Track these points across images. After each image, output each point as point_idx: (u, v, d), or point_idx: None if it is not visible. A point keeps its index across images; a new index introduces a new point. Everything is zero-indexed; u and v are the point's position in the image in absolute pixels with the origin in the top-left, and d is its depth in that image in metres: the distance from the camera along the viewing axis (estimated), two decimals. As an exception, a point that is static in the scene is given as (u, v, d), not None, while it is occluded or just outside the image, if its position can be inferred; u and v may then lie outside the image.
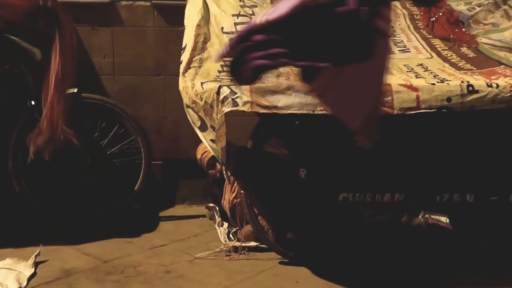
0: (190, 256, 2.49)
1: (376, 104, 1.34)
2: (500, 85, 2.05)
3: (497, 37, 2.78)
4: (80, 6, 3.24)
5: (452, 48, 2.74)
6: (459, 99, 2.03)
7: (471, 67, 2.49)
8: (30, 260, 2.36)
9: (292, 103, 2.06)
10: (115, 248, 2.61)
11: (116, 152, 3.09)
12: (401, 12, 3.10)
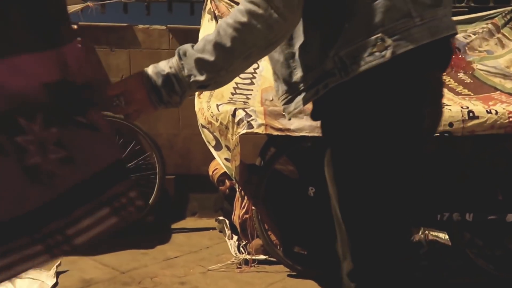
0: (203, 268, 2.49)
1: None
2: (499, 112, 2.07)
3: (492, 64, 2.82)
4: (100, 29, 3.29)
5: (449, 74, 2.77)
6: (460, 124, 2.06)
7: (469, 92, 2.52)
8: (51, 270, 2.36)
9: (304, 126, 2.09)
10: (131, 259, 2.61)
11: (132, 167, 3.11)
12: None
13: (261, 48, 1.00)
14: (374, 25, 0.96)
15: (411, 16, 0.96)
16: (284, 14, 0.95)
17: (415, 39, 0.95)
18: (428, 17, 0.97)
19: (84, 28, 3.27)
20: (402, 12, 0.96)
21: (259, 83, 2.49)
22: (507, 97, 2.33)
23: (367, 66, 0.96)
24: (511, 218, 2.19)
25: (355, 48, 0.97)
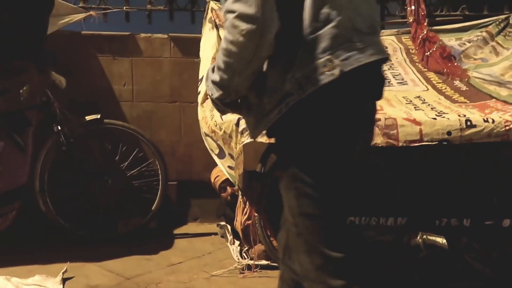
0: (206, 274, 2.50)
1: None
2: (496, 121, 2.10)
3: (486, 72, 2.85)
4: (102, 37, 3.30)
5: (446, 81, 2.81)
6: (458, 132, 2.08)
7: (465, 100, 2.55)
8: (58, 277, 2.36)
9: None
10: (135, 265, 2.62)
11: (135, 174, 3.12)
12: (397, 47, 3.18)
13: (245, 64, 1.15)
14: (323, 50, 1.14)
15: (353, 41, 1.15)
16: (243, 35, 1.10)
17: (358, 60, 1.15)
18: (367, 42, 1.18)
19: (87, 37, 3.28)
20: (345, 38, 1.15)
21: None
22: (503, 105, 2.36)
23: (320, 84, 1.13)
24: (507, 223, 2.21)
25: (308, 70, 1.14)
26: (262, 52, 1.14)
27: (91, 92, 3.24)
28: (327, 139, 1.19)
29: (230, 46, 1.14)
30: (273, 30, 1.12)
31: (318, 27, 1.14)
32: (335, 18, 1.14)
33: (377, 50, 1.20)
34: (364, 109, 1.26)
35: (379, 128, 2.09)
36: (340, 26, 1.15)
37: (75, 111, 2.96)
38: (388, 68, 2.92)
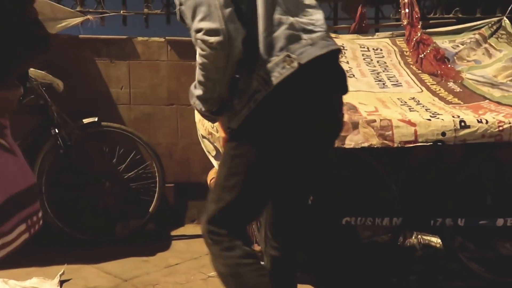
0: (204, 275, 2.49)
1: None
2: (489, 121, 2.10)
3: (480, 73, 2.85)
4: (100, 41, 3.29)
5: (440, 83, 2.80)
6: (453, 133, 2.08)
7: (459, 101, 2.55)
8: (55, 279, 2.35)
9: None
10: (133, 267, 2.61)
11: (132, 176, 3.11)
12: (392, 49, 3.18)
13: (221, 72, 1.30)
14: (280, 48, 1.32)
15: (303, 39, 1.34)
16: (213, 47, 1.24)
17: (311, 53, 1.32)
18: (315, 39, 1.36)
19: (84, 41, 3.27)
20: (297, 37, 1.34)
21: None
22: (496, 106, 2.36)
23: (282, 77, 1.29)
24: (501, 223, 2.22)
25: (270, 66, 1.30)
26: (233, 59, 1.28)
27: (89, 95, 3.23)
28: (291, 131, 1.35)
29: (205, 60, 1.28)
30: (239, 37, 1.27)
31: (273, 30, 1.32)
32: (286, 21, 1.34)
33: (327, 44, 1.37)
34: (327, 101, 1.42)
35: (374, 129, 2.09)
36: (291, 27, 1.34)
37: (73, 114, 2.95)
38: (382, 70, 2.93)
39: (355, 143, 2.08)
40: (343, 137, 2.08)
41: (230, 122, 1.37)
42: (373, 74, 2.87)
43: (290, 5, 1.37)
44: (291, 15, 1.36)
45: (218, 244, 1.43)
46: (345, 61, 2.95)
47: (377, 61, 3.03)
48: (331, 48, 1.38)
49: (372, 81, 2.78)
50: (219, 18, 1.24)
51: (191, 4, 1.28)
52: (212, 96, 1.35)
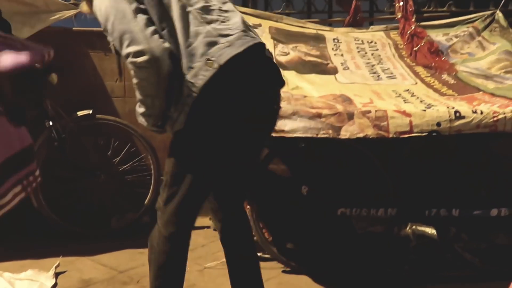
0: (200, 266, 2.47)
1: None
2: (484, 112, 2.09)
3: (473, 66, 2.84)
4: (94, 34, 3.23)
5: (434, 75, 2.79)
6: (448, 124, 2.07)
7: (453, 93, 2.54)
8: (50, 271, 2.32)
9: (297, 127, 2.08)
10: (128, 258, 2.58)
11: (127, 169, 3.07)
12: (386, 42, 3.16)
13: (156, 86, 1.44)
14: (201, 54, 1.44)
15: (220, 43, 1.46)
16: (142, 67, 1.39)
17: (229, 53, 1.44)
18: (232, 40, 1.47)
19: (78, 33, 3.22)
20: (215, 42, 1.46)
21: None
22: (490, 97, 2.35)
23: (206, 78, 1.42)
24: (495, 213, 2.21)
25: (194, 72, 1.43)
26: (163, 72, 1.42)
27: (83, 88, 3.18)
28: (224, 127, 1.48)
29: (139, 79, 1.44)
30: (164, 53, 1.40)
31: (192, 42, 1.45)
32: (203, 31, 1.46)
33: (244, 42, 1.48)
34: (259, 94, 1.53)
35: (369, 120, 2.07)
36: (208, 35, 1.46)
37: (67, 107, 2.90)
38: (377, 63, 2.91)
39: (351, 134, 2.06)
40: (339, 128, 2.07)
41: (171, 129, 1.51)
42: (368, 66, 2.86)
43: (206, 15, 1.50)
44: (207, 23, 1.49)
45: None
46: (339, 54, 2.93)
47: (371, 54, 3.01)
48: (249, 44, 1.49)
49: (366, 74, 2.76)
50: (142, 40, 1.39)
51: (117, 35, 1.43)
52: (153, 111, 1.50)
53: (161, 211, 1.62)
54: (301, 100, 2.30)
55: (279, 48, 2.82)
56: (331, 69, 2.75)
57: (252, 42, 1.50)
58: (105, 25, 1.48)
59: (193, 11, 1.48)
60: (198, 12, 1.49)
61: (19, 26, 2.70)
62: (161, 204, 1.61)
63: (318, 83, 2.56)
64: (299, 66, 2.70)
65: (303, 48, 2.89)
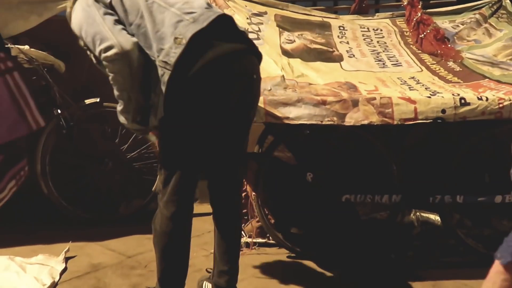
0: (206, 251, 2.49)
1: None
2: (489, 99, 2.07)
3: (480, 53, 2.81)
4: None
5: (439, 63, 2.77)
6: (453, 110, 2.05)
7: (458, 80, 2.52)
8: (60, 256, 2.35)
9: (302, 114, 2.08)
10: (136, 244, 2.60)
11: (135, 156, 3.09)
12: (392, 29, 3.13)
13: (129, 79, 1.55)
14: (170, 35, 1.53)
15: (185, 20, 1.55)
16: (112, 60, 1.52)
17: (194, 28, 1.52)
18: (196, 17, 1.56)
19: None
20: (180, 20, 1.55)
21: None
22: (496, 84, 2.33)
23: (177, 54, 1.50)
24: (499, 200, 2.20)
25: (166, 50, 1.52)
26: (134, 64, 1.53)
27: (91, 76, 3.16)
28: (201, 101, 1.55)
29: (113, 73, 1.56)
30: (133, 46, 1.52)
31: (159, 27, 1.55)
32: (168, 15, 1.55)
33: (207, 17, 1.56)
34: (234, 64, 1.59)
35: (374, 107, 2.06)
36: (173, 16, 1.55)
37: (75, 95, 2.91)
38: (382, 50, 2.89)
39: (355, 121, 2.06)
40: (343, 115, 2.06)
41: (155, 118, 1.58)
42: (373, 54, 2.83)
43: (170, 1, 1.60)
44: (171, 6, 1.58)
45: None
46: (345, 42, 2.91)
47: (377, 41, 2.98)
48: (212, 18, 1.56)
49: (372, 61, 2.74)
50: (111, 36, 1.52)
51: (90, 39, 1.56)
52: (130, 106, 1.62)
53: (161, 193, 1.68)
54: (306, 88, 2.30)
55: (284, 36, 2.79)
56: (336, 57, 2.73)
57: (214, 15, 1.58)
58: (80, 35, 1.61)
59: (156, 0, 1.59)
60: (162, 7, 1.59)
61: (26, 15, 2.70)
62: (160, 186, 1.68)
63: (324, 71, 2.54)
64: (304, 53, 2.69)
65: (309, 35, 2.87)
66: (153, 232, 1.74)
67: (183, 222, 1.72)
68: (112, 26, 1.54)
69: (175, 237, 1.71)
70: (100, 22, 1.55)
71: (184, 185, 1.66)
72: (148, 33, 1.56)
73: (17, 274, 2.18)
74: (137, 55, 1.52)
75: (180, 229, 1.72)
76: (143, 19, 1.57)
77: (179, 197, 1.66)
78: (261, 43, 2.61)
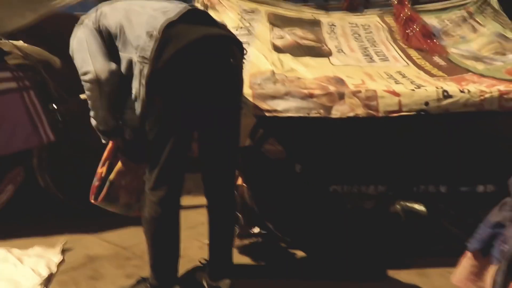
0: (200, 242, 2.52)
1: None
2: (471, 91, 2.10)
3: (464, 48, 2.85)
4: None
5: (425, 58, 2.80)
6: (436, 103, 2.08)
7: (443, 74, 2.55)
8: (57, 248, 2.38)
9: (290, 107, 2.10)
10: (132, 235, 2.62)
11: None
12: (381, 26, 3.16)
13: (100, 99, 1.73)
14: (146, 31, 1.62)
15: (157, 17, 1.64)
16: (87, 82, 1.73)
17: (166, 21, 1.60)
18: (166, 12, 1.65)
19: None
20: (155, 17, 1.64)
21: (248, 68, 2.46)
22: (479, 78, 2.36)
23: (151, 47, 1.57)
24: (481, 189, 2.24)
25: (142, 47, 1.61)
26: (104, 89, 1.69)
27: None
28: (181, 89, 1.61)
29: (86, 94, 1.76)
30: (107, 73, 1.67)
31: (136, 29, 1.65)
32: (144, 17, 1.66)
33: (179, 10, 1.65)
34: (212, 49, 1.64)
35: (360, 100, 2.09)
36: (149, 17, 1.65)
37: (70, 90, 2.92)
38: (370, 45, 2.91)
39: (341, 113, 2.08)
40: (330, 107, 2.09)
41: (137, 110, 1.67)
42: (362, 49, 2.86)
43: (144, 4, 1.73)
44: (143, 13, 1.69)
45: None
46: (334, 37, 2.94)
47: (365, 38, 3.01)
48: (183, 11, 1.64)
49: (360, 56, 2.77)
50: (90, 62, 1.68)
51: (78, 63, 1.73)
52: (97, 117, 1.81)
53: (147, 179, 1.73)
54: (295, 82, 2.32)
55: (275, 32, 2.82)
56: (325, 52, 2.76)
57: (186, 9, 1.66)
58: (73, 58, 1.78)
59: (134, 8, 1.72)
60: (138, 5, 1.72)
61: (21, 11, 2.71)
62: (147, 172, 1.73)
63: (313, 66, 2.57)
64: (294, 49, 2.71)
65: (299, 32, 2.89)
66: (142, 220, 1.77)
67: (171, 207, 1.75)
68: (94, 52, 1.70)
69: (164, 223, 1.74)
70: (85, 47, 1.71)
71: (170, 169, 1.69)
72: (128, 39, 1.67)
73: (15, 266, 2.20)
74: (111, 82, 1.68)
75: (169, 214, 1.75)
76: (123, 28, 1.69)
77: (166, 182, 1.70)
78: (252, 39, 2.64)
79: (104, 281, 2.15)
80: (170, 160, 1.69)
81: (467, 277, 1.35)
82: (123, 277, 2.18)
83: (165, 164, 1.68)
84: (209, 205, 1.96)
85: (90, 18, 1.79)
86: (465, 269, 1.34)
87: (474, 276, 1.35)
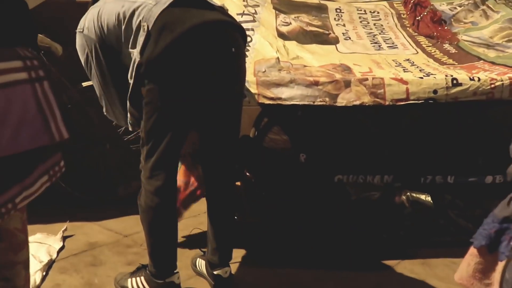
0: (201, 230, 2.52)
1: None
2: (481, 79, 2.06)
3: (476, 35, 2.78)
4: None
5: (435, 45, 2.74)
6: (444, 91, 2.04)
7: (453, 62, 2.50)
8: (58, 235, 2.38)
9: (295, 95, 2.07)
10: (133, 224, 2.62)
11: (132, 139, 3.09)
12: (389, 12, 3.10)
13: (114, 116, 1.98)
14: (135, 23, 1.59)
15: (149, 3, 1.58)
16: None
17: (156, 11, 1.54)
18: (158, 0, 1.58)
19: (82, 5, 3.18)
20: (144, 6, 1.59)
21: (252, 56, 2.44)
22: (490, 66, 2.31)
23: (143, 40, 1.54)
24: (490, 180, 2.20)
25: (133, 39, 1.58)
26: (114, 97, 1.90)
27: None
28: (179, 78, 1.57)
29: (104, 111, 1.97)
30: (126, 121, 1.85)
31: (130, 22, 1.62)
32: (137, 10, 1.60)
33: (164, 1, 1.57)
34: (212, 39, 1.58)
35: (366, 87, 2.06)
36: (141, 8, 1.58)
37: (72, 78, 2.91)
38: (379, 33, 2.86)
39: (347, 101, 2.05)
40: (335, 95, 2.05)
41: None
42: (369, 36, 2.81)
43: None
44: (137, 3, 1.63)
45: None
46: (341, 24, 2.88)
47: (373, 24, 2.95)
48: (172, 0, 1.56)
49: (368, 44, 2.72)
50: (110, 110, 1.95)
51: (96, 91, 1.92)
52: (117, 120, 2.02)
53: (143, 168, 1.73)
54: (301, 70, 2.29)
55: (280, 18, 2.77)
56: (332, 39, 2.71)
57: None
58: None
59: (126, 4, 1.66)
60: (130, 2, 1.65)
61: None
62: (143, 162, 1.74)
63: (319, 53, 2.53)
64: (300, 36, 2.67)
65: (305, 18, 2.84)
66: (139, 208, 1.79)
67: (167, 195, 1.74)
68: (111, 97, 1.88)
69: (160, 211, 1.73)
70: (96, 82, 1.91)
71: (166, 158, 1.68)
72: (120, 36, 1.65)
73: (16, 252, 2.21)
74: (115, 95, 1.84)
75: (165, 202, 1.73)
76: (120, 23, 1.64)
77: (162, 171, 1.69)
78: (257, 25, 2.60)
79: (104, 268, 2.15)
80: (168, 150, 1.67)
81: (472, 275, 1.32)
82: (124, 264, 2.19)
83: (162, 154, 1.67)
84: (208, 194, 1.95)
85: (90, 29, 1.71)
86: (469, 266, 1.30)
87: (479, 274, 1.32)
